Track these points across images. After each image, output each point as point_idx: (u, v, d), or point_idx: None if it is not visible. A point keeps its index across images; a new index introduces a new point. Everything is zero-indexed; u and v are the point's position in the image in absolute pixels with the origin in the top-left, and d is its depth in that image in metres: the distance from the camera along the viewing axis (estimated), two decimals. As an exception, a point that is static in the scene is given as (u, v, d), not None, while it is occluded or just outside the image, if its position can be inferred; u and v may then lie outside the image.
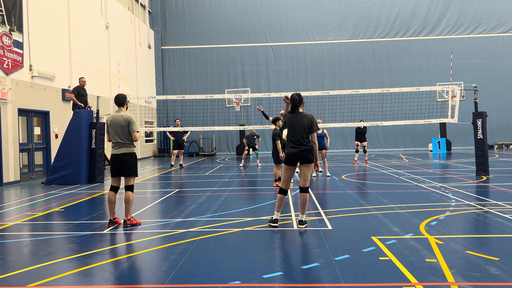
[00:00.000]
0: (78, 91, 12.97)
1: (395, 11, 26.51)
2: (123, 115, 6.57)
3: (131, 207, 6.56)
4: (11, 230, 6.55)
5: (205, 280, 4.07)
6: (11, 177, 12.61)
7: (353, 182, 11.17)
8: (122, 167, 6.60)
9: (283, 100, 6.63)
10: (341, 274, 4.14)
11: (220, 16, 27.07)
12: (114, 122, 6.56)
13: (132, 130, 6.55)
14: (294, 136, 6.17)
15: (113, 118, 6.60)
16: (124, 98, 6.72)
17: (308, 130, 6.14)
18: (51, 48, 14.88)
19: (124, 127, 6.53)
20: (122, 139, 6.57)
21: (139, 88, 23.91)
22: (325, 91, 15.26)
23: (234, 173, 14.42)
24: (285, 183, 6.26)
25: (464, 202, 7.88)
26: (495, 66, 25.74)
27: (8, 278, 4.29)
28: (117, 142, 6.60)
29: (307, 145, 6.12)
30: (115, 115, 6.62)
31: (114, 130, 6.58)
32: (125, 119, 6.53)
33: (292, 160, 6.18)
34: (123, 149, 6.59)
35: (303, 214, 6.18)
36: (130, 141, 6.62)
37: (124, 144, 6.59)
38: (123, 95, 6.75)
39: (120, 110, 6.68)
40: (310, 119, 6.19)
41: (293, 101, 6.34)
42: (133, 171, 6.63)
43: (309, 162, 6.12)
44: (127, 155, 6.58)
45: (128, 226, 6.47)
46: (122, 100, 6.69)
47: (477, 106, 12.81)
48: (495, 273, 4.07)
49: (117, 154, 6.61)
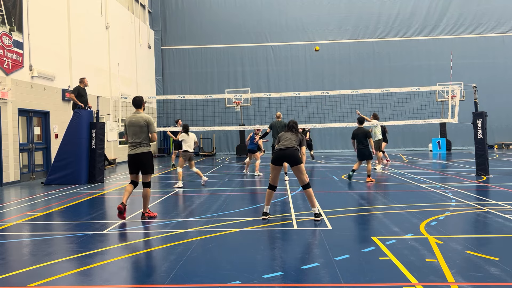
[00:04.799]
0: (79, 91, 12.97)
1: (395, 11, 26.51)
2: (142, 116, 6.91)
3: (148, 202, 7.03)
4: (11, 230, 6.55)
5: (205, 280, 4.07)
6: (11, 177, 12.61)
7: (353, 182, 11.17)
8: (139, 165, 6.94)
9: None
10: (341, 274, 4.14)
11: (220, 16, 27.07)
12: (133, 123, 6.88)
13: (151, 131, 6.93)
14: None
15: (132, 119, 6.92)
16: (141, 100, 7.08)
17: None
18: (51, 48, 14.88)
19: (143, 127, 6.85)
20: (140, 139, 6.89)
21: (139, 88, 23.90)
22: (325, 91, 15.26)
23: (234, 173, 14.42)
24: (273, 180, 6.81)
25: (464, 202, 7.88)
26: (495, 66, 25.73)
27: (8, 278, 4.29)
28: (135, 142, 6.90)
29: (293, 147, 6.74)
30: (134, 116, 6.95)
31: (132, 131, 6.89)
32: (145, 120, 6.88)
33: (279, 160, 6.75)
34: (140, 148, 6.89)
35: (314, 207, 6.56)
36: (148, 141, 6.95)
37: (142, 144, 6.90)
38: (140, 97, 7.11)
39: (138, 111, 7.03)
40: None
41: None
42: (150, 169, 6.99)
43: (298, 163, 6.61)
44: (144, 154, 6.90)
45: (145, 218, 6.96)
46: (139, 102, 7.06)
47: (477, 106, 12.81)
48: (495, 273, 4.07)
49: (135, 153, 6.91)
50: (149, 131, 6.91)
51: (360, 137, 11.26)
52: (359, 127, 11.44)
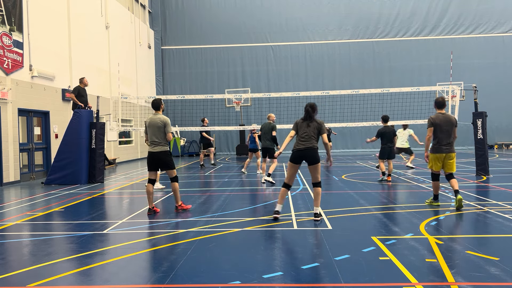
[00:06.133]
0: (79, 91, 12.96)
1: (395, 11, 26.50)
2: (160, 118, 7.45)
3: (178, 195, 7.58)
4: (11, 230, 6.55)
5: (205, 280, 4.07)
6: (11, 177, 12.61)
7: (353, 182, 11.17)
8: (158, 163, 7.47)
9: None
10: (341, 274, 4.14)
11: (220, 16, 27.07)
12: (152, 124, 7.44)
13: (167, 131, 7.41)
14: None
15: (151, 120, 7.49)
16: (159, 102, 7.61)
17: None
18: (51, 48, 14.88)
19: (160, 127, 7.39)
20: (158, 138, 7.41)
21: (139, 88, 23.91)
22: (325, 91, 15.26)
23: (234, 173, 14.42)
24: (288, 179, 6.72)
25: (464, 202, 7.87)
26: (495, 66, 25.73)
27: (8, 278, 4.29)
28: (154, 142, 7.43)
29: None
30: (153, 117, 7.51)
31: (151, 131, 7.44)
32: (162, 121, 7.40)
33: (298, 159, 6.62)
34: (158, 147, 7.41)
35: (317, 207, 6.58)
36: (165, 140, 7.47)
37: (160, 143, 7.42)
38: (158, 100, 7.62)
39: (157, 113, 7.57)
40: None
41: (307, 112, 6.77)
42: (170, 165, 7.50)
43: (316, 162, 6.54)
44: (163, 153, 7.42)
45: (179, 211, 7.51)
46: (158, 104, 7.59)
47: (477, 106, 12.82)
48: (495, 273, 4.07)
49: (154, 152, 7.42)
50: (165, 131, 7.39)
51: (389, 136, 11.03)
52: (386, 126, 11.18)
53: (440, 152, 7.37)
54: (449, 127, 7.34)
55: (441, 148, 7.36)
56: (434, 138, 7.45)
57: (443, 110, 7.51)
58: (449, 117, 7.43)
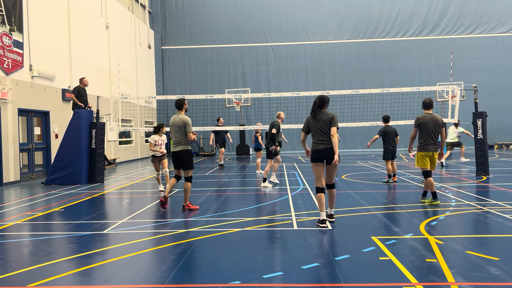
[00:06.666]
0: (79, 91, 12.97)
1: (395, 11, 26.50)
2: (181, 118, 7.55)
3: (188, 195, 7.65)
4: (11, 230, 6.55)
5: (205, 280, 4.07)
6: (11, 177, 12.61)
7: (353, 182, 11.17)
8: (179, 162, 7.61)
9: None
10: (341, 274, 4.14)
11: (220, 16, 27.07)
12: (174, 124, 7.58)
13: (187, 131, 7.49)
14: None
15: (173, 120, 7.62)
16: (181, 102, 7.68)
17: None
18: (51, 48, 14.88)
19: (181, 127, 7.50)
20: (179, 138, 7.56)
21: (139, 88, 23.90)
22: (325, 91, 15.26)
23: (234, 173, 14.42)
24: (318, 180, 6.34)
25: (464, 202, 7.88)
26: (495, 66, 25.72)
27: (8, 278, 4.29)
28: (176, 141, 7.62)
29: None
30: (175, 117, 7.63)
31: (173, 131, 7.61)
32: (182, 121, 7.51)
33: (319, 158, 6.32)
34: (179, 147, 7.57)
35: (331, 208, 6.48)
36: (186, 140, 7.57)
37: (181, 142, 7.57)
38: (181, 100, 7.70)
39: (179, 113, 7.66)
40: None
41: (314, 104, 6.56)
42: (189, 165, 7.61)
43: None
44: (183, 152, 7.56)
45: (186, 210, 7.58)
46: (180, 105, 7.68)
47: (477, 106, 12.81)
48: (495, 273, 4.07)
49: (175, 151, 7.60)
50: (186, 130, 7.49)
51: (392, 136, 11.00)
52: (388, 125, 11.13)
53: (426, 150, 7.73)
54: (435, 127, 7.70)
55: (427, 147, 7.72)
56: (421, 137, 7.80)
57: (430, 110, 7.89)
58: (436, 117, 7.79)
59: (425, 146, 7.72)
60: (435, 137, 7.72)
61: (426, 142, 7.71)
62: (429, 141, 7.69)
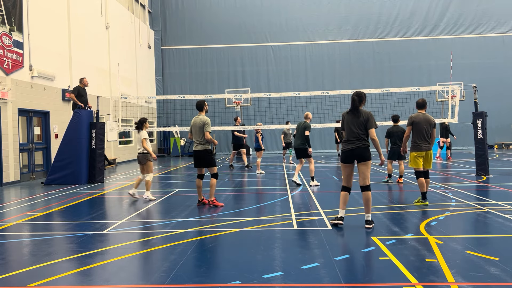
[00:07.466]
0: (78, 91, 12.97)
1: (395, 11, 26.50)
2: (201, 118, 7.83)
3: (213, 190, 7.95)
4: (11, 230, 6.55)
5: (205, 280, 4.07)
6: (11, 177, 12.61)
7: (353, 182, 11.13)
8: (201, 160, 7.93)
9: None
10: (341, 274, 4.14)
11: (220, 16, 27.06)
12: (194, 124, 7.87)
13: (205, 131, 7.75)
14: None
15: (194, 121, 7.89)
16: (202, 104, 7.98)
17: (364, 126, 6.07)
18: (51, 48, 14.88)
19: (201, 127, 7.78)
20: (200, 138, 7.83)
21: (139, 88, 23.90)
22: (325, 91, 15.25)
23: (234, 173, 14.42)
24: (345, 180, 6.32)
25: (464, 202, 7.88)
26: (495, 66, 25.71)
27: (8, 278, 4.29)
28: (196, 141, 7.91)
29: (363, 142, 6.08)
30: (195, 118, 7.92)
31: (194, 131, 7.90)
32: (202, 121, 7.78)
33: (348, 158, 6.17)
34: (200, 146, 7.87)
35: (368, 214, 6.11)
36: (205, 140, 7.80)
37: (201, 142, 7.85)
38: (201, 101, 8.00)
39: (200, 114, 7.96)
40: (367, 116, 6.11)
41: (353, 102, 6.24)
42: (211, 163, 7.93)
43: (365, 159, 6.08)
44: (203, 152, 7.87)
45: (211, 206, 7.93)
46: (200, 106, 7.98)
47: (477, 106, 12.81)
48: (495, 273, 4.07)
49: (196, 150, 7.93)
50: (204, 130, 7.76)
51: (397, 136, 10.98)
52: (395, 125, 11.13)
53: (419, 150, 7.80)
54: (427, 127, 7.79)
55: (420, 146, 7.79)
56: (413, 136, 7.87)
57: (423, 110, 8.04)
58: (428, 117, 7.91)
59: (418, 145, 7.79)
60: (428, 136, 7.79)
61: (418, 142, 7.78)
62: (422, 140, 7.76)
